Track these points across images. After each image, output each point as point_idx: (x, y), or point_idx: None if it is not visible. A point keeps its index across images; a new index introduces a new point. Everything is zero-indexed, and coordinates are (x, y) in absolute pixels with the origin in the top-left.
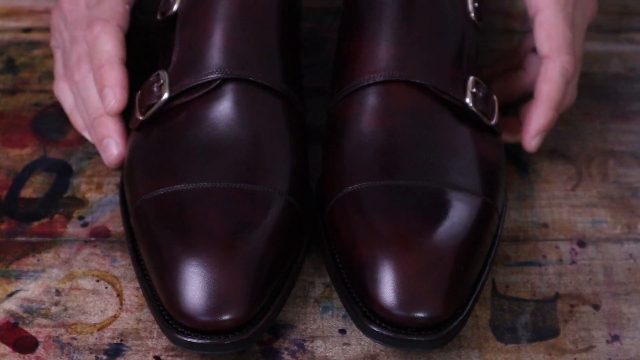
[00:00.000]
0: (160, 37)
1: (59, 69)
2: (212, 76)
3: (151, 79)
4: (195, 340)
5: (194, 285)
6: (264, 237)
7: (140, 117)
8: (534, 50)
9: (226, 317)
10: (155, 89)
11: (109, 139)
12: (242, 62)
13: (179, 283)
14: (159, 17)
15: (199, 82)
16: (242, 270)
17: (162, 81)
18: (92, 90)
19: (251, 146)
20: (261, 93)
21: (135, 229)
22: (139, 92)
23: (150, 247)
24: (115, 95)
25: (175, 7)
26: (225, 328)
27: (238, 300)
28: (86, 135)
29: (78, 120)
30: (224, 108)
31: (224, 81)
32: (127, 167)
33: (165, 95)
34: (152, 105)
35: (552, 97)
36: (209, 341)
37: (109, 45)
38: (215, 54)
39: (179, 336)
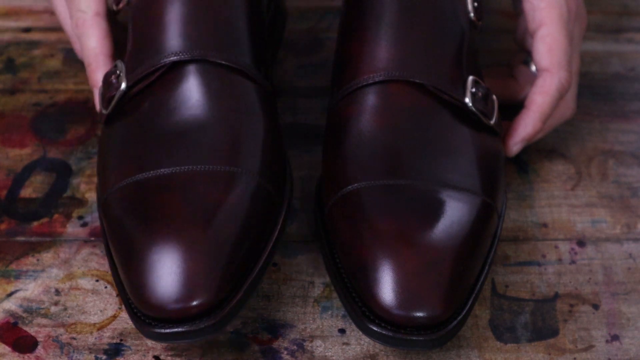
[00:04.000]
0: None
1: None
2: (166, 60)
3: (109, 71)
4: (165, 331)
5: (158, 274)
6: (228, 217)
7: (105, 112)
8: (525, 62)
9: (194, 303)
10: (114, 81)
11: (96, 89)
12: (197, 43)
13: (143, 273)
14: (114, 7)
15: (155, 68)
16: (204, 254)
17: (119, 72)
18: (86, 39)
19: (213, 126)
20: (222, 72)
21: (104, 224)
22: (101, 85)
23: (117, 241)
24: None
25: None
26: (193, 314)
27: (202, 284)
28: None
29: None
30: (183, 91)
31: (182, 64)
32: (98, 163)
33: (123, 85)
34: (113, 97)
35: (544, 110)
36: (179, 329)
37: (92, 42)
38: (168, 36)
39: (150, 329)
